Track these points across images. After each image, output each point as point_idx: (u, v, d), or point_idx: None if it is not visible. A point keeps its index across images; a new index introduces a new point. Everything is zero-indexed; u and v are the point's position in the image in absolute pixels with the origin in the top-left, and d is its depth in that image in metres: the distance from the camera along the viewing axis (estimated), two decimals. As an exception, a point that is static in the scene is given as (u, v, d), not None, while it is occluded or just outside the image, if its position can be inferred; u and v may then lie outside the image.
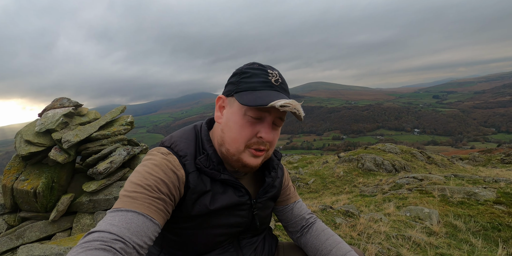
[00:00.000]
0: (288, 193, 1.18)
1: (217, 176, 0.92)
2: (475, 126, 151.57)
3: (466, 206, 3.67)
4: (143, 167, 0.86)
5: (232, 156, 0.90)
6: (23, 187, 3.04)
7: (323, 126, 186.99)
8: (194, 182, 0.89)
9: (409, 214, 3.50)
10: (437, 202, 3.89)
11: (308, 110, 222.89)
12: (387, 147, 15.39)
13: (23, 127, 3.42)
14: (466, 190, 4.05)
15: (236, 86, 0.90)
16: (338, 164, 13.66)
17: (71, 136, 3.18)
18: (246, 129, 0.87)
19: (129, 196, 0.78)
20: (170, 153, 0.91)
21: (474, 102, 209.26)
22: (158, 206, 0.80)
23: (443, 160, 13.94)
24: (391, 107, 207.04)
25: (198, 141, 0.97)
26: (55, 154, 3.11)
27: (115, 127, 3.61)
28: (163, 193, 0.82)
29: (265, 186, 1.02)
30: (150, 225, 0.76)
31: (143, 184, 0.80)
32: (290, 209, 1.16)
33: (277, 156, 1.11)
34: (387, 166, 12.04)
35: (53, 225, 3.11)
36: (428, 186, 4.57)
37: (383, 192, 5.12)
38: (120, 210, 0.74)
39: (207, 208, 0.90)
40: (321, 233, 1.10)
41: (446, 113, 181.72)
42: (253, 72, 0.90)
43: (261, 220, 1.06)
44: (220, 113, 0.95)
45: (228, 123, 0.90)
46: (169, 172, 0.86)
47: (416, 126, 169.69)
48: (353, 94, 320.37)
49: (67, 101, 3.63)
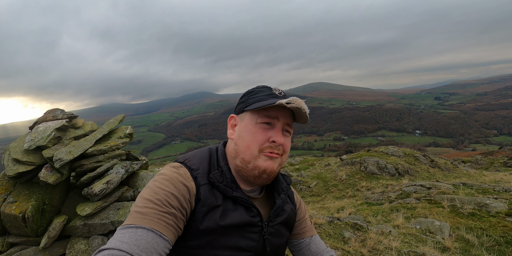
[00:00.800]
0: (304, 226, 1.14)
1: (230, 193, 0.92)
2: (477, 128, 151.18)
3: (477, 218, 3.56)
4: (154, 183, 0.87)
5: (248, 164, 0.93)
6: (11, 211, 2.79)
7: (324, 126, 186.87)
8: (205, 194, 0.89)
9: (419, 227, 3.39)
10: (447, 213, 3.78)
11: (310, 110, 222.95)
12: (390, 150, 15.27)
13: (11, 143, 3.15)
14: (476, 200, 3.94)
15: (245, 103, 0.99)
16: (340, 167, 13.55)
17: (63, 153, 2.93)
18: (259, 135, 0.93)
19: (139, 212, 0.78)
20: (181, 166, 0.94)
21: (476, 104, 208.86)
22: (168, 221, 0.80)
23: (446, 164, 13.81)
24: (392, 108, 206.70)
25: (213, 159, 1.00)
26: (46, 175, 2.84)
27: (113, 141, 3.34)
28: (173, 207, 0.83)
29: (275, 208, 1.00)
30: (160, 241, 0.76)
31: (153, 199, 0.81)
32: (306, 244, 1.11)
33: (287, 181, 1.12)
34: (390, 170, 11.92)
35: (44, 252, 2.86)
36: (437, 196, 4.46)
37: (389, 201, 5.01)
38: (130, 227, 0.74)
39: (217, 223, 0.88)
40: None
41: (447, 114, 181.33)
42: (259, 90, 1.01)
43: (272, 248, 1.00)
44: (232, 130, 1.02)
45: (241, 134, 0.96)
46: (179, 185, 0.87)
47: (417, 128, 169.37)
48: (354, 95, 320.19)
49: (61, 112, 3.40)
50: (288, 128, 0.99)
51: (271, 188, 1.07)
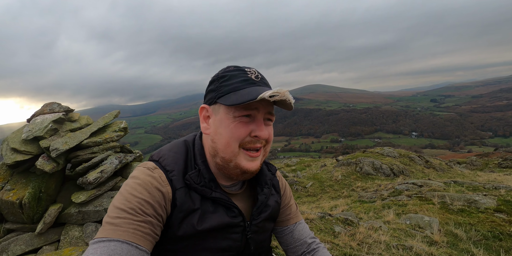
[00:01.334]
0: (289, 212, 1.09)
1: (208, 194, 0.86)
2: (472, 130, 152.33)
3: (467, 214, 3.62)
4: (126, 188, 0.81)
5: (229, 163, 0.85)
6: (8, 198, 2.86)
7: (321, 128, 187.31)
8: (181, 199, 0.83)
9: (409, 222, 3.44)
10: (437, 209, 3.84)
11: (307, 112, 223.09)
12: (385, 151, 15.37)
13: (10, 134, 3.24)
14: (466, 197, 4.00)
15: (216, 92, 0.87)
16: (336, 168, 13.61)
17: (60, 144, 3.00)
18: (238, 130, 0.83)
19: (111, 223, 0.73)
20: (156, 168, 0.86)
21: (472, 106, 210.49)
22: (144, 230, 0.75)
23: (441, 164, 13.92)
24: (389, 110, 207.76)
25: (190, 156, 0.92)
26: (43, 163, 2.93)
27: (108, 134, 3.43)
28: (149, 215, 0.77)
29: (258, 205, 0.94)
30: (136, 253, 0.71)
31: (126, 208, 0.75)
32: (290, 231, 1.07)
33: (271, 170, 1.05)
34: (385, 170, 12.00)
35: (40, 237, 2.92)
36: (428, 193, 4.53)
37: (382, 198, 5.07)
38: (102, 241, 0.69)
39: (194, 228, 0.83)
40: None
41: (443, 116, 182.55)
42: (231, 74, 0.87)
43: (256, 245, 0.96)
44: (206, 123, 0.91)
45: (217, 131, 0.86)
46: (154, 191, 0.80)
47: (413, 130, 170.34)
48: (351, 97, 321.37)
49: (57, 106, 3.47)
50: (270, 116, 0.88)
51: (254, 181, 1.00)
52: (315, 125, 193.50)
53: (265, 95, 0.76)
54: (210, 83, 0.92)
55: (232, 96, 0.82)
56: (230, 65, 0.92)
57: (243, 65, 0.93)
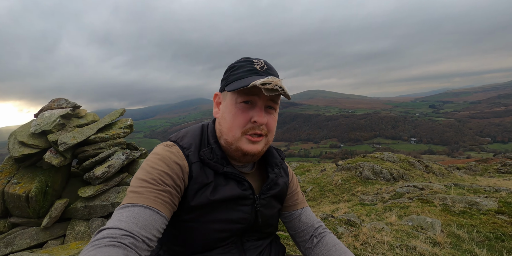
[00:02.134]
0: (296, 198, 1.15)
1: (220, 169, 0.93)
2: (471, 136, 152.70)
3: (468, 215, 3.63)
4: (147, 163, 0.88)
5: (231, 145, 0.93)
6: (14, 191, 2.87)
7: (320, 134, 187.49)
8: (197, 172, 0.91)
9: (412, 224, 3.45)
10: (438, 211, 3.85)
11: (306, 117, 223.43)
12: (385, 155, 15.38)
13: (17, 128, 3.27)
14: (467, 199, 4.02)
15: (225, 81, 0.96)
16: (336, 172, 13.60)
17: (67, 138, 3.04)
18: (239, 116, 0.90)
19: (135, 192, 0.81)
20: (174, 145, 0.95)
21: (470, 112, 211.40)
22: (164, 198, 0.82)
23: (440, 169, 13.93)
24: (388, 116, 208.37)
25: (204, 136, 1.01)
26: (50, 157, 2.98)
27: (114, 130, 3.48)
28: (168, 185, 0.84)
29: (268, 182, 1.02)
30: (158, 217, 0.78)
31: (148, 178, 0.83)
32: (297, 215, 1.12)
33: (281, 155, 1.13)
34: (385, 175, 12.00)
35: (45, 232, 2.91)
36: (429, 195, 4.54)
37: (383, 201, 5.08)
38: (127, 206, 0.76)
39: (208, 198, 0.90)
40: (332, 248, 1.02)
41: (442, 122, 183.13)
42: (240, 64, 0.95)
43: (264, 219, 1.02)
44: (217, 108, 1.00)
45: (223, 115, 0.95)
46: (172, 164, 0.88)
47: (412, 135, 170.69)
48: (350, 103, 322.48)
49: (65, 102, 3.51)
50: (272, 104, 0.94)
51: (264, 163, 1.08)
52: (314, 130, 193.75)
53: (256, 83, 0.83)
54: (225, 72, 1.00)
55: (234, 84, 0.90)
56: (243, 57, 0.99)
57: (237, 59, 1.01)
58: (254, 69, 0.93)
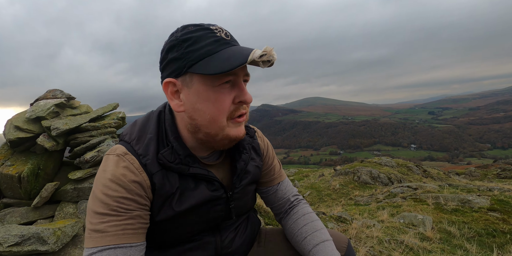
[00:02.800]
0: (272, 173, 1.06)
1: (186, 171, 0.80)
2: (471, 142, 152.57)
3: (460, 213, 3.62)
4: (99, 188, 0.73)
5: (215, 137, 0.78)
6: (8, 172, 3.00)
7: (320, 141, 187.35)
8: (160, 183, 0.77)
9: (403, 221, 3.44)
10: (431, 209, 3.84)
11: (305, 125, 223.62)
12: (383, 160, 15.33)
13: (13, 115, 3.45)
14: (460, 197, 4.01)
15: (185, 60, 0.72)
16: (334, 177, 13.54)
17: (60, 124, 3.18)
18: (223, 101, 0.74)
19: (97, 230, 0.69)
20: (127, 153, 0.78)
21: (469, 118, 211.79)
22: (133, 226, 0.72)
23: (439, 174, 13.88)
24: (387, 123, 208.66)
25: (161, 132, 0.82)
26: (43, 140, 3.11)
27: (106, 121, 3.63)
28: (132, 210, 0.73)
29: (238, 173, 0.90)
30: (132, 251, 0.70)
31: (106, 211, 0.70)
32: (274, 191, 1.06)
33: (249, 133, 0.98)
34: (383, 179, 11.95)
35: (35, 211, 3.03)
36: (422, 195, 4.53)
37: (377, 201, 5.06)
38: (94, 253, 0.67)
39: (174, 210, 0.79)
40: (300, 217, 1.00)
41: (442, 129, 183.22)
42: (195, 35, 0.72)
43: (238, 210, 0.96)
44: (177, 100, 0.77)
45: (196, 106, 0.75)
46: (129, 185, 0.73)
47: (412, 142, 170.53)
48: (350, 110, 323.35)
49: (60, 92, 3.67)
50: (247, 77, 0.79)
51: (232, 148, 0.92)
52: (314, 137, 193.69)
53: (254, 56, 0.67)
54: (169, 50, 0.75)
55: (210, 62, 0.69)
56: (187, 24, 0.77)
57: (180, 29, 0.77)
58: (221, 38, 0.73)
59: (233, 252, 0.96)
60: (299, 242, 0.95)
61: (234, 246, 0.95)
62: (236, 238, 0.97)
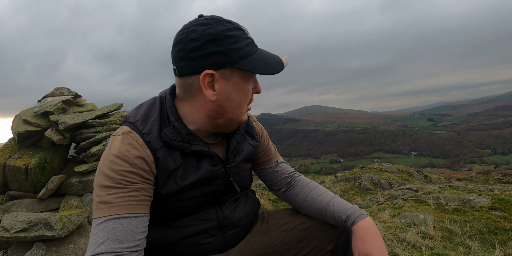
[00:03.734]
0: (269, 153, 1.16)
1: (187, 148, 0.86)
2: (471, 148, 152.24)
3: (462, 212, 3.61)
4: (105, 163, 0.78)
5: (233, 121, 0.91)
6: (15, 164, 3.07)
7: (320, 149, 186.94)
8: (163, 158, 0.84)
9: (404, 221, 3.43)
10: (432, 210, 3.82)
11: (305, 133, 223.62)
12: (383, 166, 15.31)
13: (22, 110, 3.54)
14: (460, 197, 4.01)
15: (229, 56, 0.79)
16: (335, 184, 13.49)
17: (68, 118, 3.29)
18: (249, 92, 0.90)
19: (103, 202, 0.74)
20: (131, 131, 0.84)
21: (469, 125, 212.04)
22: (137, 198, 0.77)
23: (440, 179, 13.84)
24: (387, 130, 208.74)
25: (164, 114, 0.89)
26: (51, 134, 3.21)
27: (111, 118, 3.76)
28: (136, 183, 0.78)
29: (232, 150, 0.98)
30: (137, 221, 0.75)
31: (111, 183, 0.75)
32: (272, 170, 1.14)
33: None
34: (384, 185, 11.90)
35: (41, 203, 3.07)
36: (423, 195, 4.52)
37: (378, 204, 5.04)
38: (100, 223, 0.72)
39: (178, 185, 0.85)
40: (305, 186, 1.10)
41: (441, 135, 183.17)
42: (235, 34, 0.81)
43: (239, 184, 1.02)
44: (211, 90, 0.83)
45: (229, 96, 0.85)
46: (133, 160, 0.78)
47: (412, 149, 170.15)
48: (349, 118, 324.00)
49: (67, 90, 3.81)
50: None
51: None
52: (314, 146, 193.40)
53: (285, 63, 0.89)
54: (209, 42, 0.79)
55: (254, 62, 0.83)
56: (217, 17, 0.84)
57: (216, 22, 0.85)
58: (251, 40, 0.87)
59: (235, 223, 1.00)
60: (314, 201, 1.04)
61: (236, 217, 1.00)
62: (237, 210, 1.02)
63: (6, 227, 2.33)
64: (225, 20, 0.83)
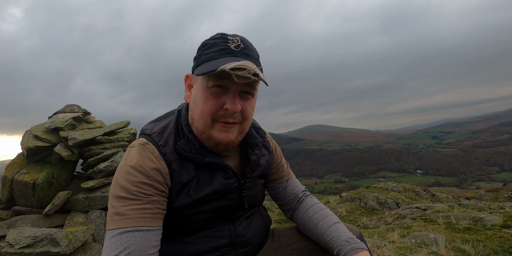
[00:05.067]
0: (281, 171, 1.13)
1: (201, 160, 0.86)
2: (478, 166, 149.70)
3: (473, 231, 3.48)
4: (120, 173, 0.80)
5: (202, 134, 0.85)
6: (23, 179, 3.08)
7: (324, 169, 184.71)
8: (178, 170, 0.84)
9: (415, 241, 3.30)
10: (442, 229, 3.70)
11: (308, 153, 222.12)
12: (389, 185, 15.02)
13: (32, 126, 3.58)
14: (471, 215, 3.88)
15: (197, 61, 0.85)
16: (340, 204, 13.19)
17: (77, 134, 3.35)
18: (210, 102, 0.81)
19: (118, 213, 0.74)
20: (148, 143, 0.85)
21: (474, 142, 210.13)
22: (151, 211, 0.77)
23: (448, 198, 13.49)
24: (391, 149, 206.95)
25: (179, 126, 0.91)
26: (60, 149, 3.26)
27: (119, 135, 3.83)
28: (151, 195, 0.78)
29: (251, 165, 0.97)
30: (150, 235, 0.75)
31: (126, 195, 0.76)
32: (283, 187, 1.12)
33: (260, 134, 1.07)
34: (391, 204, 11.61)
35: (46, 219, 3.05)
36: (432, 214, 4.39)
37: (386, 224, 4.90)
38: (114, 236, 0.72)
39: (191, 197, 0.85)
40: (310, 208, 1.06)
41: (447, 153, 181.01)
42: (213, 42, 0.83)
43: (250, 200, 1.00)
44: (189, 92, 0.91)
45: (195, 100, 0.85)
46: (148, 171, 0.79)
47: (418, 167, 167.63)
48: (352, 137, 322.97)
49: (77, 107, 3.93)
50: (249, 89, 0.83)
51: (244, 144, 1.02)
52: (318, 165, 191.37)
53: (225, 67, 0.72)
54: (197, 51, 0.89)
55: (204, 66, 0.79)
56: (219, 32, 0.87)
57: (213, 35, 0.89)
58: (228, 48, 0.80)
59: (248, 241, 0.98)
60: (312, 229, 0.99)
61: (248, 234, 0.98)
62: (249, 227, 1.00)
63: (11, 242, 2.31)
64: (223, 33, 0.86)
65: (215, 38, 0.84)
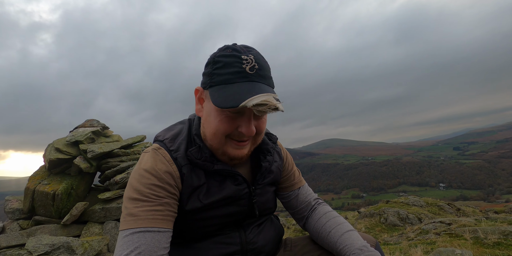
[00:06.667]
0: (293, 178, 1.12)
1: (211, 168, 0.89)
2: (506, 177, 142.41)
3: (504, 246, 3.21)
4: (134, 177, 0.84)
5: (217, 150, 0.89)
6: (44, 189, 3.26)
7: (340, 184, 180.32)
8: (188, 175, 0.87)
9: (439, 258, 3.07)
10: (470, 244, 3.43)
11: (324, 167, 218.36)
12: (410, 200, 14.41)
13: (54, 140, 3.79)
14: (501, 229, 3.60)
15: (209, 79, 0.83)
16: (358, 220, 12.70)
17: (96, 147, 3.53)
18: (224, 124, 0.82)
19: (130, 214, 0.78)
20: (160, 148, 0.89)
21: (499, 152, 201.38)
22: (163, 213, 0.80)
23: (474, 212, 12.78)
24: (411, 162, 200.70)
25: (191, 134, 0.95)
26: (79, 161, 3.44)
27: (135, 148, 4.00)
28: (163, 197, 0.81)
29: (262, 171, 0.98)
30: (160, 236, 0.77)
31: (139, 196, 0.79)
32: (295, 195, 1.11)
33: (272, 140, 1.07)
34: (413, 220, 11.07)
35: (63, 229, 3.21)
36: (458, 229, 4.10)
37: (408, 239, 4.62)
38: (126, 236, 0.75)
39: (201, 202, 0.88)
40: (322, 216, 1.04)
41: (470, 165, 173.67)
42: (226, 60, 0.80)
43: (260, 207, 1.00)
44: (200, 105, 0.92)
45: (207, 118, 0.87)
46: (160, 174, 0.83)
47: (440, 181, 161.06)
48: (369, 150, 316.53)
49: (97, 122, 4.17)
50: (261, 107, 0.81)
51: (256, 150, 1.02)
52: (334, 180, 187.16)
53: (248, 104, 0.72)
54: (206, 65, 0.87)
55: (219, 92, 0.78)
56: (229, 46, 0.84)
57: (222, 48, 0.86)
58: (243, 71, 0.78)
59: (259, 249, 0.99)
60: (325, 237, 0.98)
61: (259, 242, 0.99)
62: (261, 235, 1.01)
63: (30, 249, 2.41)
64: (234, 48, 0.83)
65: (227, 55, 0.81)
